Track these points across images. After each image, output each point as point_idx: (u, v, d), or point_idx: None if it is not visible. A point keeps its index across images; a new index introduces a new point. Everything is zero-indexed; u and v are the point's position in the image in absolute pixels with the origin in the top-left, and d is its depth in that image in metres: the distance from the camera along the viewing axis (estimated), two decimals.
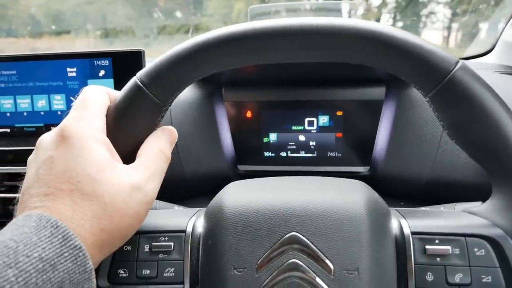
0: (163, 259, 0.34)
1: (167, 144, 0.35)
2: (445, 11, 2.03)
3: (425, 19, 2.08)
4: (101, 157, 0.30)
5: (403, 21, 2.15)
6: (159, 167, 0.33)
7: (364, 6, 2.24)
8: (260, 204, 0.33)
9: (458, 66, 0.31)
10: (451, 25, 1.89)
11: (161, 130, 0.36)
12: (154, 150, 0.34)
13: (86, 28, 1.88)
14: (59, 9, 1.94)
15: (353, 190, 0.35)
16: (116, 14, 1.95)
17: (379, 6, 2.20)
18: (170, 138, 0.36)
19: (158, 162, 0.33)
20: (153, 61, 0.34)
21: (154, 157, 0.33)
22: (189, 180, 0.66)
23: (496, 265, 0.31)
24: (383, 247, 0.32)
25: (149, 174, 0.32)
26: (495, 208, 0.34)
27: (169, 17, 2.01)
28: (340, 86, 0.64)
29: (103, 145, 0.31)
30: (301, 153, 0.67)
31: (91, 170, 0.29)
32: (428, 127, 0.60)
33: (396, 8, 2.18)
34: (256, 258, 0.31)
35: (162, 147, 0.34)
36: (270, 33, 0.32)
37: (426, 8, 2.13)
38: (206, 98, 0.66)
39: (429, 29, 2.08)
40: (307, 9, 1.08)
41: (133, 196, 0.30)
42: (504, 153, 0.31)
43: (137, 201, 0.30)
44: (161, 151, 0.34)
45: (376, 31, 0.31)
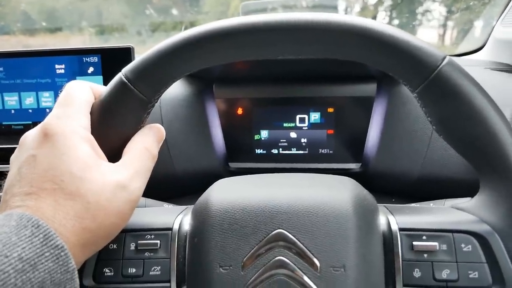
0: (149, 257, 0.34)
1: (154, 142, 0.35)
2: (441, 9, 2.03)
3: (420, 17, 2.09)
4: (85, 155, 0.29)
5: (399, 18, 2.15)
6: (145, 166, 0.33)
7: (360, 3, 2.24)
8: (246, 201, 0.33)
9: (445, 62, 0.31)
10: (447, 22, 1.89)
11: (148, 128, 0.36)
12: (140, 148, 0.33)
13: (80, 25, 1.87)
14: (54, 6, 1.93)
15: (340, 186, 0.35)
16: (112, 11, 1.94)
17: (375, 4, 2.20)
18: (157, 136, 0.36)
19: (143, 160, 0.33)
20: (139, 57, 0.33)
21: (140, 155, 0.33)
22: (180, 178, 0.66)
23: (483, 261, 0.31)
24: (370, 243, 0.32)
25: (134, 172, 0.32)
26: (482, 204, 0.34)
27: (165, 14, 2.01)
28: (332, 83, 0.64)
29: (87, 142, 0.30)
30: (293, 150, 0.67)
31: (74, 168, 0.28)
32: (419, 123, 0.60)
33: (392, 5, 2.18)
34: (242, 255, 0.31)
35: (148, 145, 0.34)
36: (256, 28, 0.32)
37: (421, 6, 2.13)
38: (196, 95, 0.66)
39: (424, 27, 2.08)
40: (302, 6, 1.08)
41: (118, 195, 0.30)
42: (491, 149, 0.31)
43: (122, 199, 0.30)
44: (147, 149, 0.34)
45: (363, 26, 0.31)
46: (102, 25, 1.92)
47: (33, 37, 1.76)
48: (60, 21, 1.86)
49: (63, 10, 1.92)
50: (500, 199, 0.32)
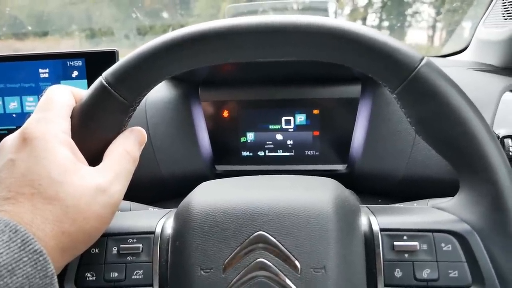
0: (131, 261, 0.33)
1: (135, 145, 0.35)
2: (430, 10, 2.05)
3: (410, 18, 2.10)
4: (64, 159, 0.29)
5: (388, 20, 2.17)
6: (125, 169, 0.33)
7: (350, 5, 2.26)
8: (227, 203, 0.33)
9: (422, 63, 0.31)
10: (435, 24, 1.91)
11: (129, 131, 0.35)
12: (120, 151, 0.33)
13: (70, 29, 1.86)
14: (43, 10, 1.92)
15: (321, 188, 0.35)
16: (102, 15, 1.93)
17: (365, 5, 2.22)
18: (138, 139, 0.36)
19: (124, 163, 0.33)
20: (120, 61, 0.33)
21: (120, 159, 0.33)
22: (166, 181, 0.66)
23: (463, 260, 0.31)
24: (351, 244, 0.32)
25: (114, 176, 0.31)
26: (462, 203, 0.34)
27: (156, 17, 2.00)
28: (316, 85, 0.64)
29: (67, 147, 0.30)
30: (279, 152, 0.67)
31: (53, 172, 0.28)
32: (403, 124, 0.61)
33: (382, 7, 2.20)
34: (223, 258, 0.31)
35: (129, 148, 0.34)
36: (234, 31, 0.32)
37: (411, 7, 2.14)
38: (182, 98, 0.66)
39: (414, 28, 2.10)
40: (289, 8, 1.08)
41: (97, 199, 0.30)
42: (470, 149, 0.31)
43: (102, 203, 0.30)
44: (128, 152, 0.34)
45: (341, 28, 0.31)
46: (92, 28, 1.91)
47: (22, 41, 1.74)
48: (49, 25, 1.85)
49: (53, 14, 1.91)
50: (479, 198, 0.32)
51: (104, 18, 1.94)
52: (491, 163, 0.31)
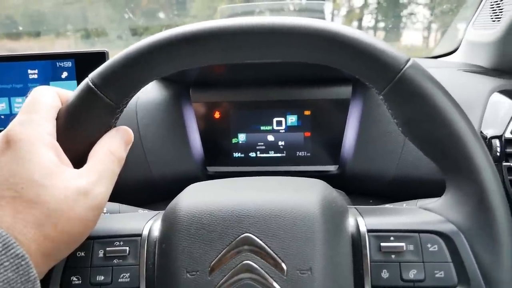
0: (118, 264, 0.33)
1: (120, 145, 0.34)
2: (425, 11, 2.06)
3: (405, 19, 2.11)
4: (48, 161, 0.29)
5: (384, 21, 2.17)
6: (109, 170, 0.32)
7: (346, 6, 2.26)
8: (214, 205, 0.33)
9: (408, 65, 0.31)
10: (430, 25, 1.92)
11: (114, 130, 0.35)
12: (104, 152, 0.33)
13: (66, 29, 1.86)
14: (38, 10, 1.91)
15: (308, 189, 0.35)
16: (98, 15, 1.93)
17: (361, 7, 2.22)
18: (124, 138, 0.35)
19: (107, 164, 0.32)
20: (106, 62, 0.33)
21: (104, 159, 0.32)
22: (157, 183, 0.66)
23: (449, 260, 0.31)
24: (338, 245, 0.32)
25: (98, 177, 0.31)
26: (448, 204, 0.34)
27: (152, 18, 2.00)
28: (308, 86, 0.64)
29: (51, 149, 0.30)
30: (270, 153, 0.67)
31: (36, 175, 0.28)
32: (393, 125, 0.61)
33: (377, 8, 2.21)
34: (209, 260, 0.31)
35: (113, 148, 0.33)
36: (220, 32, 0.32)
37: (406, 9, 2.15)
38: (173, 99, 0.66)
39: (409, 29, 2.10)
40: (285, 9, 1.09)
41: (80, 202, 0.29)
42: (454, 149, 0.31)
43: (84, 206, 0.29)
44: (112, 152, 0.33)
45: (328, 30, 0.31)
46: (87, 29, 1.91)
47: (17, 41, 1.74)
48: (44, 25, 1.84)
49: (48, 14, 1.90)
50: (465, 199, 0.32)
51: (100, 19, 1.93)
52: (476, 164, 0.31)
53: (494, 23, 0.66)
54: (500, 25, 0.65)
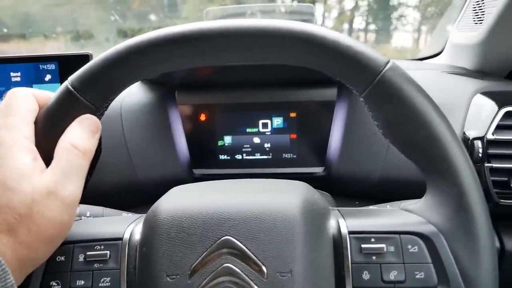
0: (98, 268, 0.33)
1: (83, 136, 0.31)
2: (415, 13, 2.08)
3: (396, 21, 2.13)
4: (22, 166, 0.28)
5: (375, 23, 2.19)
6: (74, 165, 0.30)
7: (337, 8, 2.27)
8: (194, 209, 0.33)
9: (387, 67, 0.31)
10: (420, 27, 1.94)
11: (77, 122, 0.32)
12: (65, 147, 0.30)
13: (56, 31, 1.84)
14: (27, 12, 1.90)
15: (290, 191, 0.35)
16: (88, 17, 1.91)
17: (352, 9, 2.24)
18: (88, 127, 0.32)
19: (71, 160, 0.30)
20: (86, 65, 0.33)
21: (66, 155, 0.30)
22: (143, 185, 0.65)
23: (429, 261, 0.32)
24: (319, 247, 0.32)
25: (62, 176, 0.29)
26: (428, 205, 0.34)
27: (144, 20, 1.99)
28: (293, 88, 0.65)
29: (28, 154, 0.29)
30: (256, 155, 0.67)
31: (8, 180, 0.28)
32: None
33: (368, 11, 2.22)
34: (189, 264, 0.30)
35: (75, 141, 0.31)
36: (200, 35, 0.32)
37: (396, 11, 2.17)
38: (158, 101, 0.65)
39: (399, 31, 2.12)
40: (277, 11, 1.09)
41: (50, 205, 0.28)
42: (433, 151, 0.32)
43: (55, 208, 0.28)
44: (75, 146, 0.31)
45: (308, 32, 0.31)
46: (78, 31, 1.89)
47: (7, 43, 1.72)
48: (34, 27, 1.83)
49: (38, 16, 1.89)
50: (445, 200, 0.32)
51: (91, 20, 1.92)
52: (455, 165, 0.31)
53: (477, 25, 0.67)
54: (482, 27, 0.65)
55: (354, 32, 2.11)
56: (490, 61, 0.69)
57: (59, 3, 1.87)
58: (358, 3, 2.21)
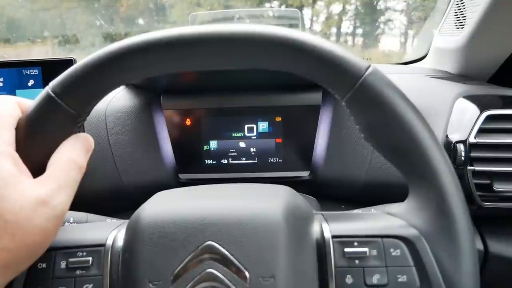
0: (80, 275, 0.32)
1: (80, 152, 0.33)
2: (402, 18, 2.11)
3: (383, 25, 2.15)
4: (5, 172, 0.28)
5: (362, 27, 2.21)
6: (70, 178, 0.31)
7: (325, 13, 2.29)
8: (176, 214, 0.32)
9: (368, 71, 0.31)
10: (407, 31, 1.96)
11: (74, 138, 0.34)
12: (63, 160, 0.32)
13: (43, 36, 1.83)
14: (13, 16, 1.88)
15: (272, 196, 0.35)
16: (76, 21, 1.90)
17: (339, 13, 2.26)
18: (84, 146, 0.34)
19: (68, 172, 0.31)
20: (67, 70, 0.33)
21: (63, 168, 0.31)
22: (128, 191, 0.65)
23: (411, 264, 0.32)
24: (302, 252, 0.32)
25: (57, 186, 0.30)
26: (410, 208, 0.34)
27: (132, 24, 1.98)
28: (279, 92, 0.65)
29: (8, 159, 0.29)
30: (242, 160, 0.67)
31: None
32: None
33: (355, 15, 2.24)
34: (172, 269, 0.30)
35: (73, 156, 0.32)
36: (180, 40, 0.32)
37: (384, 15, 2.19)
38: (143, 106, 0.65)
39: (387, 35, 2.14)
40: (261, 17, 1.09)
41: (38, 212, 0.28)
42: (415, 155, 0.32)
43: (43, 216, 0.29)
44: (72, 160, 0.32)
45: (288, 37, 0.31)
46: (65, 35, 1.88)
47: None
48: (21, 32, 1.81)
49: (24, 20, 1.87)
50: (426, 203, 0.32)
51: (78, 25, 1.91)
52: (435, 169, 0.31)
53: (459, 30, 0.68)
54: (464, 32, 0.66)
55: (341, 36, 2.13)
56: (472, 65, 0.70)
57: (46, 8, 1.85)
58: (346, 7, 2.24)
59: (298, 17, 1.06)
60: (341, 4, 2.21)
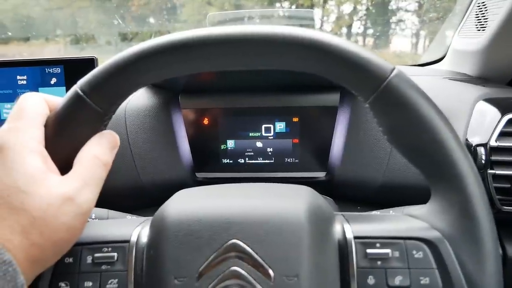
0: (106, 270, 0.33)
1: (106, 149, 0.33)
2: (413, 18, 2.09)
3: (394, 26, 2.14)
4: (34, 169, 0.29)
5: (373, 28, 2.20)
6: (95, 175, 0.32)
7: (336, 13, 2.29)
8: (202, 212, 0.33)
9: (393, 74, 0.31)
10: (419, 32, 1.94)
11: (99, 136, 0.34)
12: (89, 157, 0.32)
13: (56, 34, 1.84)
14: (28, 15, 1.90)
15: (295, 196, 0.35)
16: (88, 20, 1.92)
17: (350, 13, 2.25)
18: (110, 143, 0.34)
19: (93, 170, 0.32)
20: (95, 69, 0.33)
21: (89, 165, 0.32)
22: (146, 189, 0.66)
23: (434, 267, 0.32)
24: (324, 252, 0.32)
25: (83, 183, 0.30)
26: (433, 210, 0.34)
27: (143, 23, 2.00)
28: (296, 93, 0.65)
29: (38, 156, 0.30)
30: (259, 160, 0.67)
31: (21, 182, 0.28)
32: (380, 132, 0.61)
33: (366, 15, 2.23)
34: (197, 267, 0.31)
35: (98, 153, 0.33)
36: (208, 41, 0.32)
37: (395, 15, 2.18)
38: (162, 105, 0.66)
39: (399, 36, 2.13)
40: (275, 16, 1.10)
41: (65, 209, 0.29)
42: (438, 157, 0.32)
43: (70, 213, 0.29)
44: (98, 157, 0.32)
45: (314, 39, 0.31)
46: (77, 34, 1.89)
47: (7, 45, 1.72)
48: (34, 30, 1.83)
49: (38, 19, 1.89)
50: (449, 206, 0.32)
51: (90, 24, 1.93)
52: (459, 171, 0.31)
53: (479, 32, 0.68)
54: (485, 34, 0.66)
55: (352, 36, 2.12)
56: (492, 68, 0.69)
57: (60, 6, 1.87)
58: (357, 7, 2.23)
59: (312, 17, 1.06)
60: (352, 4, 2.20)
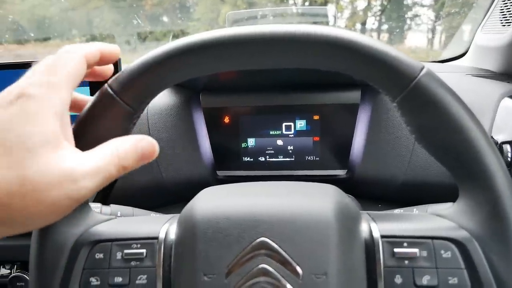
0: (135, 266, 0.34)
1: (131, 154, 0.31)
2: (429, 13, 2.06)
3: (409, 21, 2.11)
4: (49, 130, 0.27)
5: (388, 23, 2.18)
6: (106, 170, 0.29)
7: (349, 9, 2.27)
8: (230, 210, 0.33)
9: (423, 73, 0.31)
10: (435, 27, 1.92)
11: (136, 139, 0.31)
12: (110, 151, 0.30)
13: (71, 34, 1.87)
14: (44, 15, 1.93)
15: (322, 194, 0.35)
16: (103, 20, 1.94)
17: (364, 9, 2.23)
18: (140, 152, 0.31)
19: (107, 164, 0.29)
20: (124, 68, 0.34)
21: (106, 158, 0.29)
22: (168, 186, 0.66)
23: (462, 267, 0.31)
24: (352, 250, 0.32)
25: (93, 171, 0.28)
26: (461, 210, 0.34)
27: (156, 22, 2.01)
28: (317, 91, 0.65)
29: (58, 119, 0.28)
30: (279, 158, 0.68)
31: (31, 139, 0.26)
32: (402, 130, 0.61)
33: (381, 11, 2.21)
34: (226, 264, 0.31)
35: (121, 153, 0.30)
36: (237, 40, 0.32)
37: (411, 10, 2.15)
38: (183, 104, 0.66)
39: (414, 31, 2.10)
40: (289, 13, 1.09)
41: (62, 185, 0.26)
42: (468, 156, 0.32)
43: (64, 191, 0.26)
44: (118, 156, 0.30)
45: (343, 38, 0.31)
46: (93, 34, 1.92)
47: (23, 46, 1.75)
48: (50, 30, 1.86)
49: (54, 19, 1.92)
50: (478, 206, 0.32)
51: (105, 23, 1.95)
52: (489, 171, 0.31)
53: (504, 28, 0.66)
54: (510, 29, 0.65)
55: (366, 32, 2.10)
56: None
57: (75, 7, 1.89)
58: (371, 3, 2.20)
59: (326, 14, 1.06)
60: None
